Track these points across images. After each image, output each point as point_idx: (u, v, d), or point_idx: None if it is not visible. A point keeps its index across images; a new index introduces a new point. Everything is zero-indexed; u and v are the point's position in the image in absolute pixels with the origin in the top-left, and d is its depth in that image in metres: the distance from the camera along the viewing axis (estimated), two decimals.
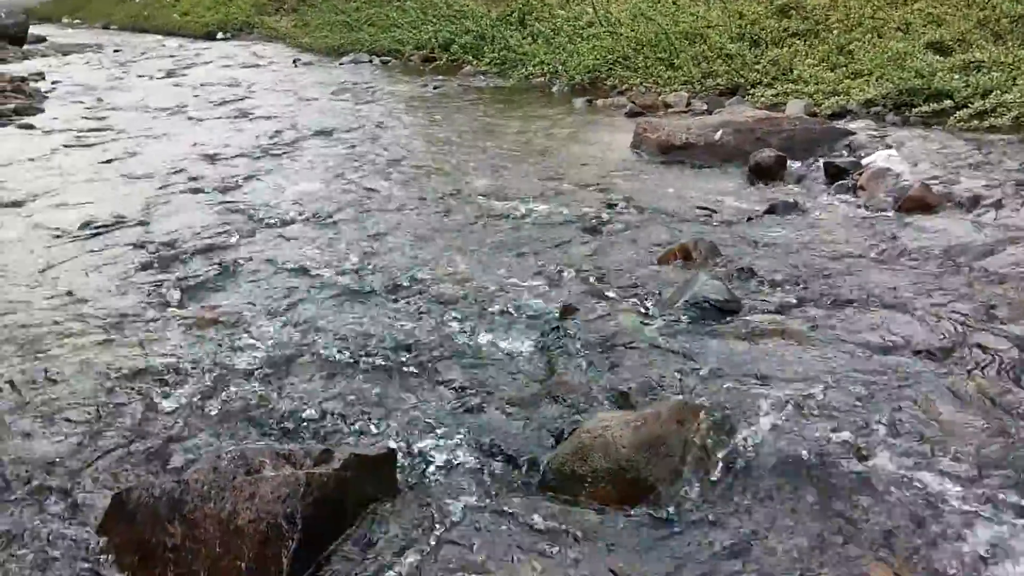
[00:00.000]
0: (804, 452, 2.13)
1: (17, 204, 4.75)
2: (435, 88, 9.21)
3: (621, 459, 2.06)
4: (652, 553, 1.83)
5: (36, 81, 10.28)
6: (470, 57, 10.86)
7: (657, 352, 2.72)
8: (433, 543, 1.87)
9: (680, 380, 2.53)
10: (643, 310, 3.07)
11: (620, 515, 1.95)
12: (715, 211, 4.30)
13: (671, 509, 1.96)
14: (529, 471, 2.13)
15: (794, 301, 3.09)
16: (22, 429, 2.36)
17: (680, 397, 2.41)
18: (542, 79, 9.42)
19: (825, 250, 3.61)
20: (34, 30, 16.71)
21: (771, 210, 4.22)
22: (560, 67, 9.30)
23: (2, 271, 3.65)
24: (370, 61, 12.08)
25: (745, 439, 2.19)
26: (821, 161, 4.89)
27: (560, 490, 2.05)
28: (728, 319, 2.93)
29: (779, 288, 3.22)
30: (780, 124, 5.52)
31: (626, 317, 3.00)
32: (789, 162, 4.96)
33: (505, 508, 1.99)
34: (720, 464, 2.10)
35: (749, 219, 4.14)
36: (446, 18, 12.20)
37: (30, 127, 7.33)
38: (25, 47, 15.00)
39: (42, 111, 8.20)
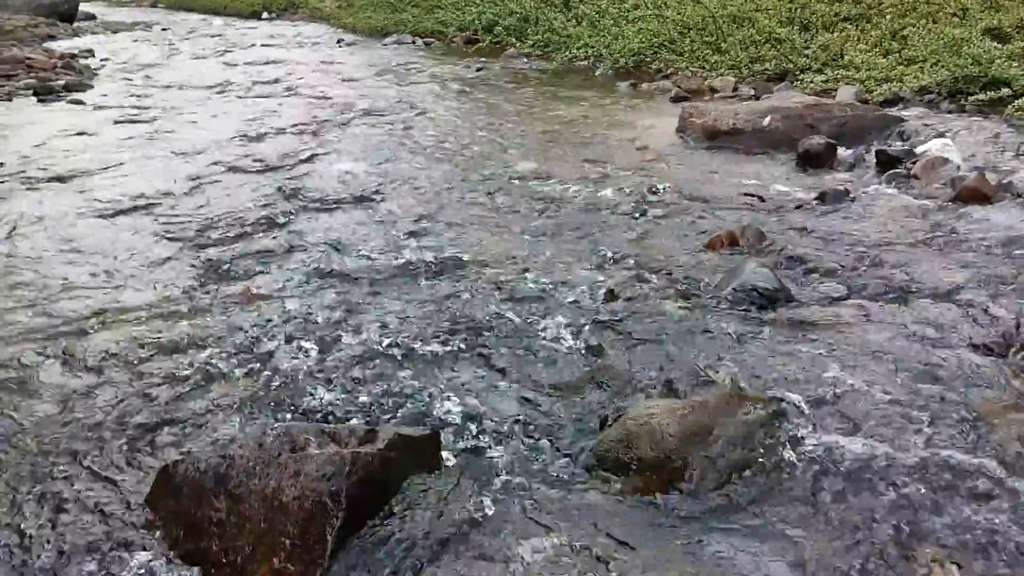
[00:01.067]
0: (855, 446, 2.08)
1: (66, 179, 4.82)
2: (478, 70, 9.16)
3: (667, 447, 2.03)
4: (695, 544, 1.80)
5: (86, 58, 10.42)
6: (513, 39, 10.78)
7: (703, 339, 2.68)
8: (475, 525, 1.86)
9: (727, 369, 2.49)
10: (689, 296, 3.02)
11: (664, 504, 1.93)
12: (763, 198, 4.22)
13: (717, 500, 1.93)
14: (573, 456, 2.11)
15: (845, 291, 3.02)
16: (71, 401, 2.40)
17: (728, 386, 2.37)
18: (586, 62, 9.32)
19: (877, 240, 3.52)
20: (84, 7, 16.95)
21: (821, 198, 4.12)
22: (604, 50, 9.20)
23: (50, 245, 3.70)
24: (413, 42, 12.06)
25: (794, 431, 2.14)
26: (873, 149, 4.78)
27: (604, 476, 2.03)
28: (777, 308, 2.87)
29: (829, 278, 3.15)
30: (830, 111, 5.40)
31: (672, 303, 2.96)
32: (839, 150, 4.85)
33: (548, 492, 1.97)
34: (768, 456, 2.06)
35: (798, 207, 4.06)
36: (490, 0, 12.13)
37: (80, 103, 7.43)
38: (75, 24, 15.23)
39: (92, 87, 8.30)
